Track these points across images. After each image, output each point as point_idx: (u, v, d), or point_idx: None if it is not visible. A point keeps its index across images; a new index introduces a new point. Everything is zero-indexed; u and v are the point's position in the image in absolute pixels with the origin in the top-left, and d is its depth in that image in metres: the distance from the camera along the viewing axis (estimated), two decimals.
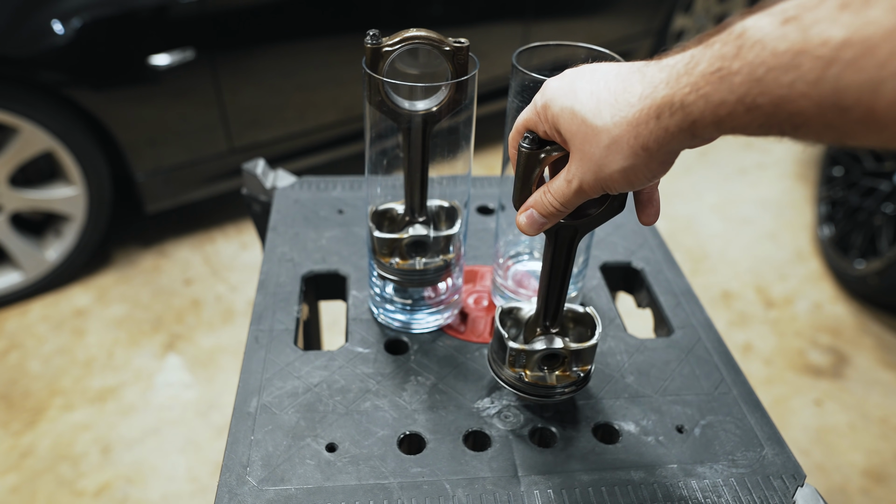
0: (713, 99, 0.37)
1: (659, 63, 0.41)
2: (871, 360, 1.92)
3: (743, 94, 0.35)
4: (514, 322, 0.63)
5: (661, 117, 0.40)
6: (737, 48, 0.35)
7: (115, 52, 1.74)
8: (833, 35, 0.31)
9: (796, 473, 0.60)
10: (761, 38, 0.34)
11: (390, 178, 0.67)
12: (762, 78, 0.34)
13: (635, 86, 0.42)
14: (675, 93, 0.39)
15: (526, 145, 0.50)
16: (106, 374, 1.73)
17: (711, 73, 0.37)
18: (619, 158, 0.43)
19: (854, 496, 1.54)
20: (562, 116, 0.46)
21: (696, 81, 0.37)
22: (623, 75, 0.43)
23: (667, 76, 0.40)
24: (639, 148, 0.42)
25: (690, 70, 0.38)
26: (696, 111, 0.38)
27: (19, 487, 1.45)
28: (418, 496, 0.56)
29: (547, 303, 0.59)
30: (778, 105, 0.34)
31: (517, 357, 0.60)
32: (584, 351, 0.60)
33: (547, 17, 2.49)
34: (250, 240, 2.19)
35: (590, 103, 0.44)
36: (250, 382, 0.65)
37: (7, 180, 1.75)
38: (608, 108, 0.43)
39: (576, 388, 0.62)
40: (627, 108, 0.42)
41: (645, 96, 0.41)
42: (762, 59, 0.34)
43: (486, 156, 2.61)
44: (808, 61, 0.32)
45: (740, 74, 0.35)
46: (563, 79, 0.48)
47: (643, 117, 0.41)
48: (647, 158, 0.42)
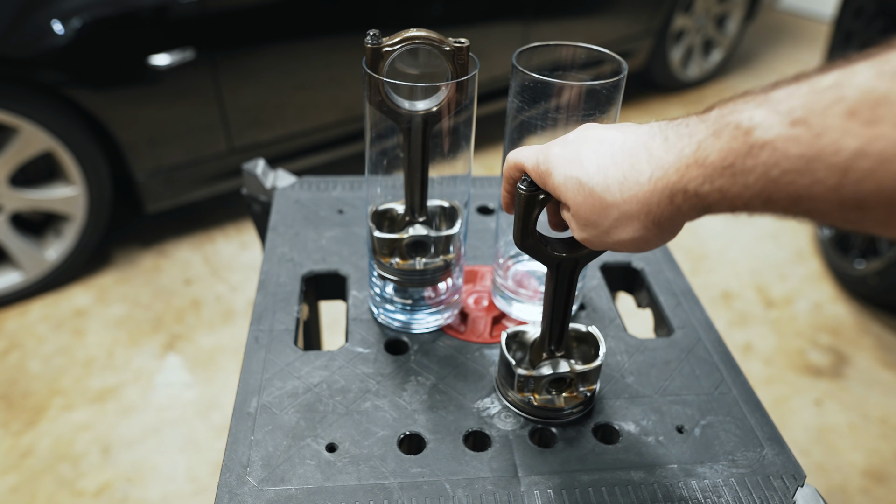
0: (729, 192, 0.36)
1: (665, 141, 0.40)
2: (871, 360, 1.92)
3: (759, 190, 0.35)
4: (520, 346, 0.64)
5: (675, 200, 0.40)
6: (748, 146, 0.35)
7: (115, 52, 1.74)
8: (846, 145, 0.31)
9: (796, 473, 0.60)
10: (772, 139, 0.34)
11: (390, 178, 0.67)
12: (778, 179, 0.34)
13: (643, 165, 0.41)
14: (687, 181, 0.38)
15: (524, 188, 0.50)
16: (106, 374, 1.73)
17: (724, 168, 0.36)
18: (629, 230, 0.43)
19: (854, 496, 1.54)
20: (566, 186, 0.45)
21: (710, 174, 0.37)
22: (629, 150, 0.42)
23: (675, 160, 0.39)
24: (650, 223, 0.42)
25: (701, 161, 0.37)
26: (711, 200, 0.38)
27: (19, 487, 1.45)
28: (418, 496, 0.56)
29: (551, 329, 0.60)
30: (796, 202, 0.34)
31: (525, 382, 0.62)
32: (589, 372, 0.62)
33: (547, 17, 2.49)
34: (250, 240, 2.19)
35: (598, 177, 0.43)
36: (250, 382, 0.65)
37: (7, 180, 1.75)
38: (617, 184, 0.42)
39: (583, 407, 0.63)
40: (638, 187, 0.41)
41: (656, 178, 0.40)
42: (775, 161, 0.33)
43: (486, 156, 2.61)
44: (823, 168, 0.32)
45: (754, 173, 0.35)
46: (567, 146, 0.47)
47: (655, 198, 0.40)
48: (657, 232, 0.42)
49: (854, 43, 2.27)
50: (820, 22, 4.27)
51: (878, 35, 2.13)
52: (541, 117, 0.62)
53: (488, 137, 2.56)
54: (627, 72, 0.61)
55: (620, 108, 0.64)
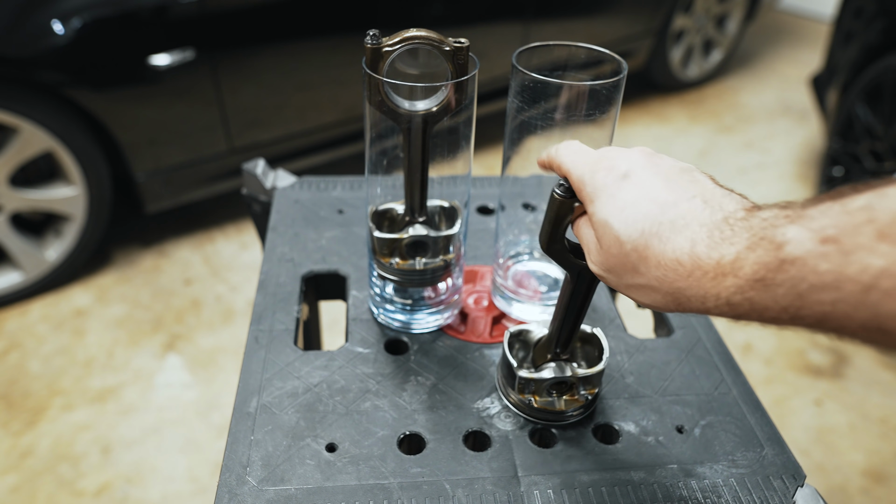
0: (758, 304, 0.37)
1: (710, 238, 0.39)
2: (871, 360, 1.92)
3: (787, 304, 0.36)
4: (523, 345, 0.64)
5: (706, 302, 0.40)
6: (779, 261, 0.35)
7: (115, 52, 1.74)
8: (872, 263, 0.32)
9: (796, 473, 0.60)
10: (802, 255, 0.34)
11: (390, 178, 0.67)
12: (804, 294, 0.35)
13: (685, 256, 0.40)
14: (721, 290, 0.38)
15: (560, 193, 0.48)
16: (106, 374, 1.73)
17: (756, 281, 0.37)
18: (648, 298, 0.43)
19: (854, 496, 1.54)
20: (604, 230, 0.44)
21: (742, 285, 0.37)
22: (677, 227, 0.41)
23: (714, 266, 0.39)
24: (671, 302, 0.42)
25: (736, 271, 0.38)
26: (741, 310, 0.38)
27: (19, 487, 1.45)
28: (418, 496, 0.56)
29: (560, 332, 0.59)
30: (821, 321, 0.35)
31: (526, 384, 0.61)
32: (591, 375, 0.62)
33: (547, 17, 2.49)
34: (250, 240, 2.19)
35: (639, 243, 0.42)
36: (250, 382, 0.65)
37: (7, 180, 1.75)
38: (655, 261, 0.41)
39: (584, 410, 0.63)
40: (673, 276, 0.40)
41: (693, 277, 0.40)
42: (803, 276, 0.34)
43: (486, 156, 2.61)
44: (848, 284, 0.33)
45: (783, 287, 0.35)
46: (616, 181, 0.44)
47: (687, 292, 0.40)
48: (675, 308, 0.42)
49: (854, 43, 2.27)
50: (820, 22, 4.27)
51: (879, 35, 2.13)
52: (541, 117, 0.62)
53: (488, 137, 2.56)
54: (627, 72, 0.61)
55: (620, 108, 0.64)
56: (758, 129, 3.10)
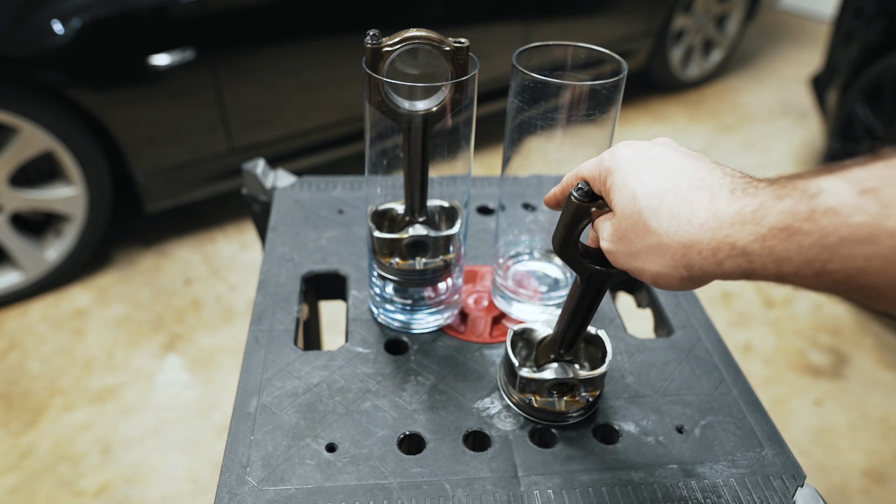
0: (779, 254, 0.35)
1: (731, 194, 0.39)
2: (871, 360, 1.92)
3: (812, 257, 0.34)
4: (526, 344, 0.64)
5: (718, 254, 0.38)
6: (809, 210, 0.34)
7: (115, 52, 1.74)
8: None
9: (796, 473, 0.60)
10: (836, 205, 0.33)
11: (390, 178, 0.67)
12: (834, 246, 0.33)
13: (701, 209, 0.39)
14: (738, 237, 0.37)
15: (577, 196, 0.49)
16: (106, 374, 1.73)
17: (780, 229, 0.35)
18: (657, 263, 0.42)
19: (854, 496, 1.54)
20: (620, 192, 0.44)
21: (763, 233, 0.36)
22: (694, 186, 0.41)
23: (733, 215, 0.38)
24: (681, 266, 0.41)
25: (758, 219, 0.36)
26: (757, 261, 0.36)
27: (19, 487, 1.45)
28: (418, 496, 0.56)
29: (565, 335, 0.60)
30: (850, 276, 0.33)
31: (527, 384, 0.62)
32: (593, 378, 0.62)
33: (547, 17, 2.49)
34: (250, 240, 2.19)
35: (654, 199, 0.42)
36: (250, 382, 0.65)
37: (7, 180, 1.75)
38: (668, 215, 0.41)
39: (584, 412, 0.63)
40: (686, 227, 0.40)
41: (708, 226, 0.39)
42: (835, 227, 0.33)
43: (486, 156, 2.61)
44: (885, 239, 0.31)
45: (811, 237, 0.34)
46: (637, 153, 0.45)
47: (699, 245, 0.39)
48: (685, 276, 0.41)
49: (854, 43, 2.27)
50: (820, 22, 4.27)
51: (879, 35, 2.13)
52: (541, 117, 0.62)
53: (488, 137, 2.56)
54: (627, 72, 0.61)
55: (620, 108, 0.64)
56: (758, 129, 3.10)
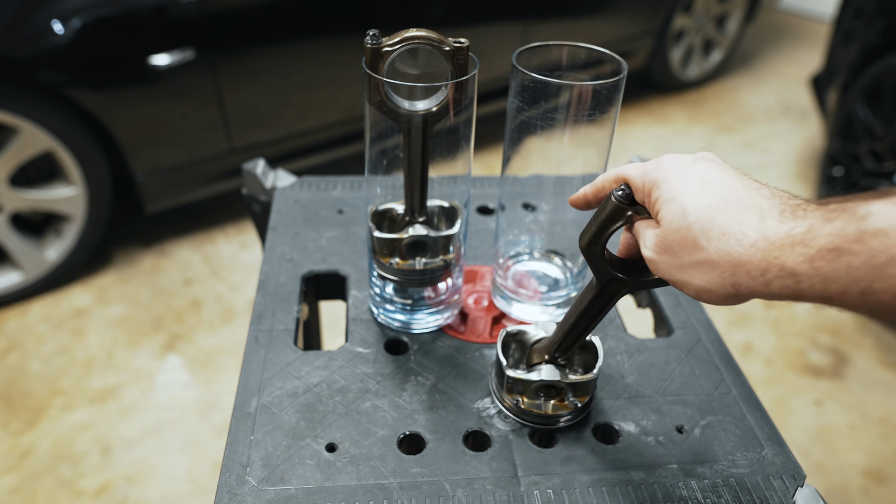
0: (826, 275, 0.36)
1: (781, 215, 0.39)
2: (871, 360, 1.92)
3: (859, 277, 0.34)
4: (519, 345, 0.64)
5: (767, 274, 0.39)
6: (859, 231, 0.34)
7: (115, 52, 1.74)
8: None
9: (796, 473, 0.60)
10: (886, 227, 0.33)
11: (390, 178, 0.67)
12: (882, 267, 0.33)
13: (751, 229, 0.40)
14: (787, 259, 0.37)
15: (619, 196, 0.48)
16: (106, 374, 1.73)
17: (829, 250, 0.35)
18: (703, 278, 0.42)
19: (854, 496, 1.54)
20: (668, 207, 0.44)
21: (812, 255, 0.36)
22: (744, 206, 0.41)
23: (783, 237, 0.38)
24: (729, 284, 0.41)
25: (808, 241, 0.37)
26: (805, 282, 0.37)
27: (19, 487, 1.45)
28: (418, 496, 0.56)
29: (565, 337, 0.59)
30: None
31: (514, 384, 0.62)
32: (582, 383, 0.61)
33: (547, 17, 2.49)
34: (250, 240, 2.19)
35: (704, 216, 0.42)
36: (250, 382, 0.65)
37: (7, 180, 1.75)
38: (717, 233, 0.41)
39: (572, 417, 0.63)
40: (736, 246, 0.40)
41: (758, 248, 0.39)
42: (885, 248, 0.33)
43: (486, 156, 2.61)
44: None
45: (859, 257, 0.34)
46: (684, 168, 0.45)
47: (749, 265, 0.39)
48: (731, 293, 0.41)
49: (854, 43, 2.27)
50: (820, 22, 4.27)
51: (879, 35, 2.13)
52: (541, 117, 0.62)
53: (488, 137, 2.56)
54: (627, 72, 0.61)
55: (620, 108, 0.64)
56: (758, 129, 3.10)
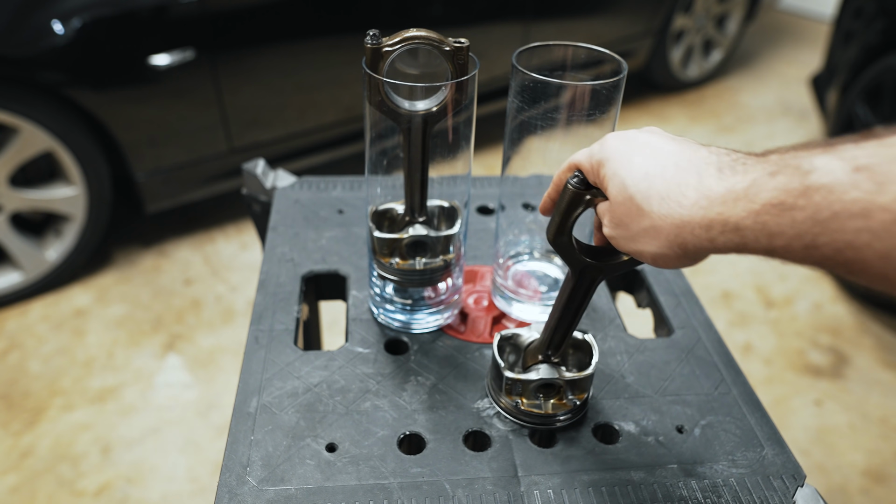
0: (770, 229, 0.36)
1: (719, 172, 0.40)
2: (871, 360, 1.92)
3: (803, 231, 0.35)
4: (514, 348, 0.64)
5: (711, 231, 0.39)
6: (803, 186, 0.35)
7: (115, 52, 1.74)
8: None
9: (796, 473, 0.60)
10: (830, 182, 0.34)
11: (390, 178, 0.67)
12: (826, 221, 0.34)
13: (690, 189, 0.41)
14: (731, 214, 0.38)
15: (574, 183, 0.50)
16: (106, 374, 1.73)
17: (773, 205, 0.36)
18: (653, 244, 0.43)
19: (854, 496, 1.54)
20: (612, 182, 0.46)
21: (756, 209, 0.37)
22: (681, 168, 0.42)
23: (724, 193, 0.39)
24: (676, 245, 0.42)
25: (752, 196, 0.37)
26: (749, 236, 0.38)
27: (19, 487, 1.45)
28: (418, 496, 0.56)
29: (554, 333, 0.59)
30: (839, 250, 0.34)
31: (513, 386, 0.62)
32: (580, 380, 0.61)
33: (547, 17, 2.49)
34: (250, 240, 2.19)
35: (642, 184, 0.43)
36: (250, 382, 0.65)
37: (7, 180, 1.75)
38: (658, 198, 0.42)
39: (572, 416, 0.63)
40: (677, 208, 0.41)
41: (699, 206, 0.40)
42: (829, 203, 0.34)
43: (486, 156, 2.61)
44: (878, 213, 0.32)
45: (804, 212, 0.35)
46: (625, 143, 0.47)
47: (690, 224, 0.40)
48: (680, 254, 0.42)
49: (854, 43, 2.27)
50: (820, 22, 4.27)
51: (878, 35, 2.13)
52: (541, 117, 0.62)
53: (488, 137, 2.56)
54: (627, 72, 0.61)
55: (620, 108, 0.64)
56: (758, 129, 3.10)
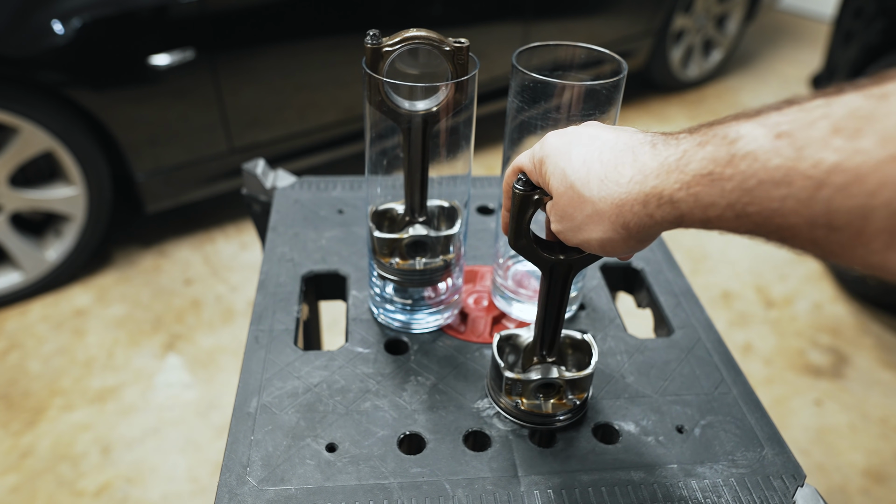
0: (703, 200, 0.37)
1: (653, 148, 0.41)
2: (871, 360, 1.92)
3: (733, 200, 0.36)
4: (513, 349, 0.64)
5: (648, 205, 0.41)
6: (730, 155, 0.35)
7: (115, 52, 1.74)
8: (824, 158, 0.31)
9: (796, 473, 0.60)
10: (754, 149, 0.34)
11: (390, 178, 0.67)
12: (753, 189, 0.34)
13: (626, 167, 0.42)
14: (664, 186, 0.39)
15: (519, 187, 0.51)
16: (106, 374, 1.73)
17: (703, 176, 0.37)
18: (598, 230, 0.44)
19: (854, 496, 1.54)
20: (553, 175, 0.47)
21: (688, 181, 0.38)
22: (618, 150, 0.43)
23: (657, 167, 0.40)
24: (619, 226, 0.43)
25: (682, 167, 0.38)
26: (684, 207, 0.39)
27: (19, 487, 1.45)
28: (418, 496, 0.56)
29: (543, 333, 0.60)
30: (768, 217, 0.34)
31: (513, 386, 0.62)
32: (579, 379, 0.61)
33: (547, 17, 2.49)
34: (250, 240, 2.19)
35: (581, 171, 0.45)
36: (250, 382, 0.65)
37: (7, 180, 1.75)
38: (597, 181, 0.43)
39: (572, 416, 0.63)
40: (615, 188, 0.42)
41: (634, 181, 0.41)
42: (754, 171, 0.34)
43: (486, 156, 2.61)
44: (799, 180, 0.32)
45: (732, 181, 0.35)
46: (563, 137, 0.48)
47: (629, 201, 0.42)
48: (626, 236, 0.43)
49: (854, 43, 2.27)
50: (820, 22, 4.27)
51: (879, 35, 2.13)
52: (541, 117, 0.62)
53: (488, 137, 2.56)
54: (627, 72, 0.61)
55: (620, 108, 0.64)
56: None
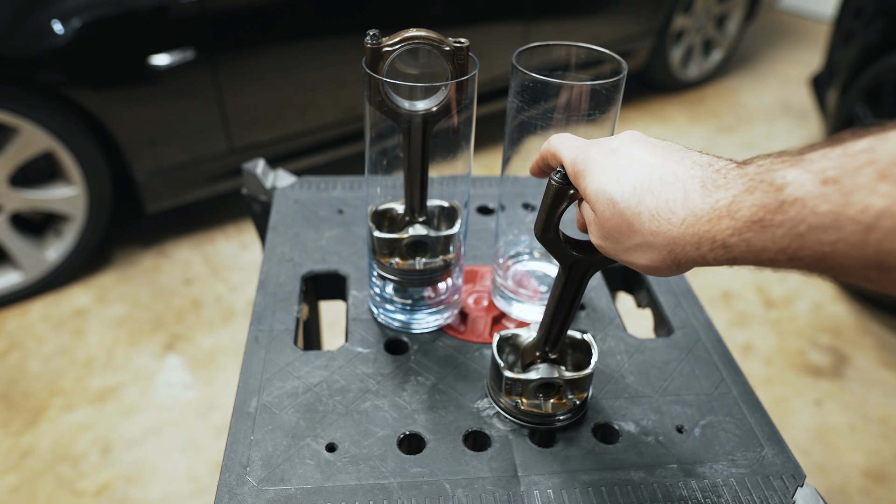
0: (755, 245, 0.37)
1: (703, 188, 0.41)
2: (871, 360, 1.92)
3: (785, 245, 0.36)
4: (513, 349, 0.64)
5: (701, 248, 0.40)
6: (778, 202, 0.36)
7: (115, 52, 1.74)
8: (872, 203, 0.32)
9: (796, 473, 0.60)
10: (802, 196, 0.35)
11: (390, 178, 0.67)
12: (804, 234, 0.35)
13: (678, 206, 0.42)
14: (717, 231, 0.39)
15: (557, 179, 0.49)
16: (106, 374, 1.73)
17: (754, 222, 0.37)
18: (646, 257, 0.44)
19: (854, 496, 1.54)
20: (597, 196, 0.46)
21: (739, 227, 0.38)
22: (668, 183, 0.43)
23: (709, 211, 0.40)
24: (669, 260, 0.43)
25: (733, 214, 0.38)
26: (737, 252, 0.39)
27: (19, 487, 1.45)
28: (418, 496, 0.56)
29: (549, 330, 0.59)
30: (820, 259, 0.35)
31: (513, 386, 0.61)
32: (579, 380, 0.61)
33: (547, 17, 2.49)
34: (250, 240, 2.19)
35: (632, 200, 0.44)
36: (250, 382, 0.65)
37: (7, 180, 1.75)
38: (649, 215, 0.43)
39: (571, 416, 0.63)
40: (667, 225, 0.42)
41: (687, 224, 0.41)
42: (803, 217, 0.35)
43: (486, 156, 2.61)
44: (848, 225, 0.33)
45: (782, 228, 0.36)
46: (607, 155, 0.46)
47: (681, 242, 0.41)
48: (674, 266, 0.43)
49: (854, 43, 2.27)
50: (820, 22, 4.27)
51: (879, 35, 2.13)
52: (541, 117, 0.62)
53: (488, 137, 2.56)
54: (627, 72, 0.61)
55: (620, 108, 0.64)
56: (758, 129, 3.10)
